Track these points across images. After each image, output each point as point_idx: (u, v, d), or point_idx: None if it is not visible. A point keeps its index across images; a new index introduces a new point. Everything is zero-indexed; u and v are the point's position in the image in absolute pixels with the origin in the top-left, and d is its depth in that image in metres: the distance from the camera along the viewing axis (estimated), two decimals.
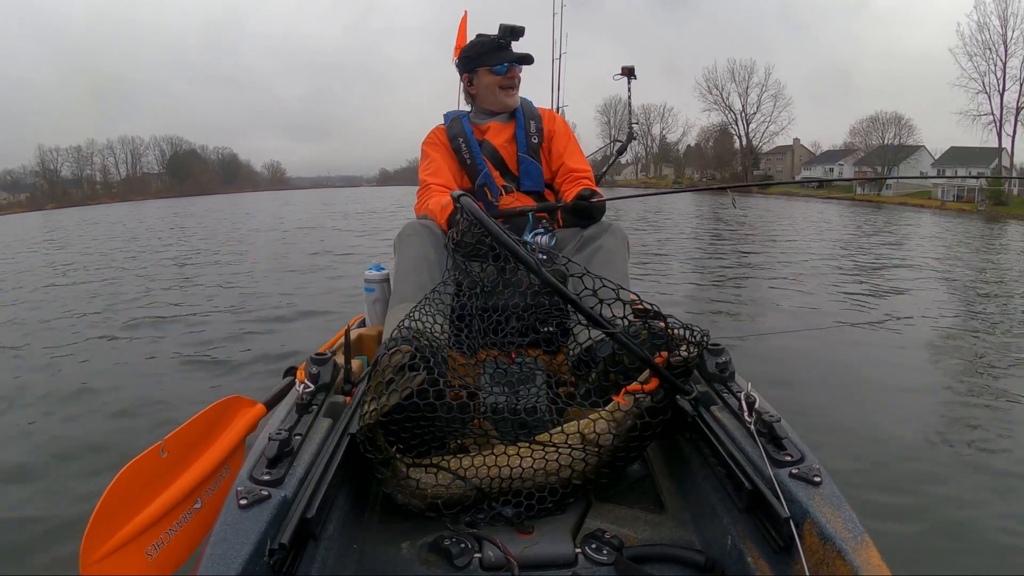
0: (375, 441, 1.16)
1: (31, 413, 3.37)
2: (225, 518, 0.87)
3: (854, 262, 9.35)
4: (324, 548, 1.04)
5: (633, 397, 1.19)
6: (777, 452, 1.03)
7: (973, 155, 40.25)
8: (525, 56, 2.05)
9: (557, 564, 1.08)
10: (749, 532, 1.03)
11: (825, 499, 0.92)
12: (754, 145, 60.17)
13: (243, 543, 0.83)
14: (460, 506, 1.17)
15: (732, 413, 1.20)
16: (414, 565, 1.08)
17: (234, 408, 1.26)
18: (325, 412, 1.25)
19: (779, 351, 4.23)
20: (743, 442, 1.10)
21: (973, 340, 4.84)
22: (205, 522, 1.07)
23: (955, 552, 2.04)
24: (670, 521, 1.22)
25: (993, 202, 35.48)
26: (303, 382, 1.27)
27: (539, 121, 2.10)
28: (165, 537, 0.99)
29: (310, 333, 4.71)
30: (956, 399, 3.46)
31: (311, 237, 13.94)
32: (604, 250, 1.74)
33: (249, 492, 0.92)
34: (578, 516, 1.20)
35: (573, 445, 1.20)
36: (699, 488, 1.23)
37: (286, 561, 0.88)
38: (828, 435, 2.76)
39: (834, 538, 0.85)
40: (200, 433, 1.15)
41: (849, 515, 0.88)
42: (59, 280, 8.64)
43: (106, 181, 71.74)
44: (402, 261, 1.74)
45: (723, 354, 1.37)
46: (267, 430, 1.12)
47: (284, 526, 0.90)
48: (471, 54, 2.06)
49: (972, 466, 2.62)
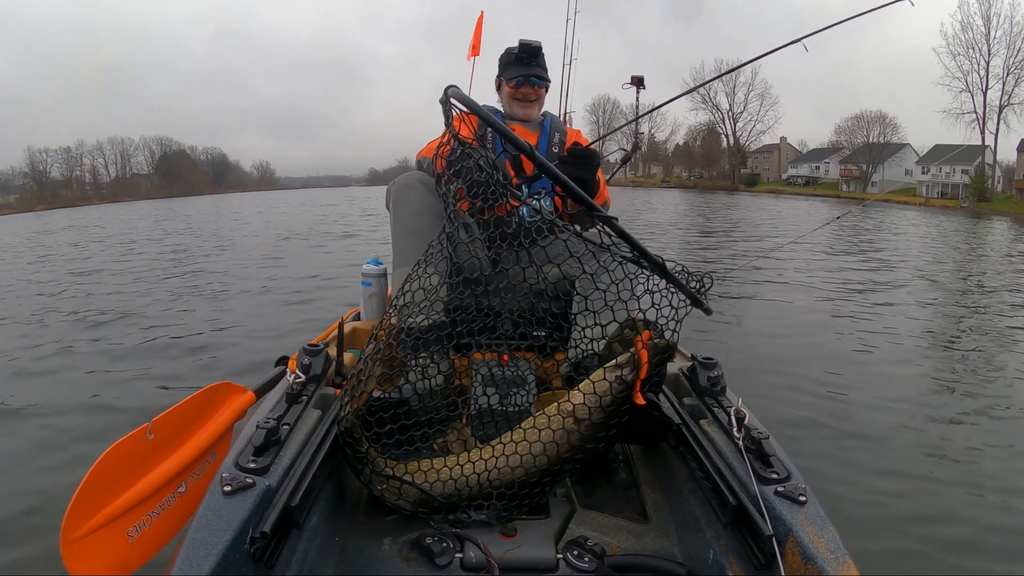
0: (354, 437, 1.15)
1: (24, 398, 3.40)
2: (208, 504, 0.87)
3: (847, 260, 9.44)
4: (306, 539, 1.03)
5: (615, 373, 1.16)
6: (764, 469, 1.03)
7: (957, 153, 40.82)
8: (538, 74, 2.09)
9: (538, 568, 1.07)
10: (732, 547, 1.03)
11: (809, 519, 0.92)
12: (741, 144, 60.63)
13: (225, 529, 0.82)
14: (444, 505, 1.16)
15: (721, 427, 1.20)
16: (395, 562, 1.07)
17: (223, 394, 1.25)
18: (315, 403, 1.24)
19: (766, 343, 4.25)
20: (730, 457, 1.10)
21: (959, 342, 4.89)
22: (188, 506, 1.06)
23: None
24: (653, 531, 1.22)
25: (976, 199, 36.01)
26: (294, 372, 1.26)
27: (564, 135, 2.16)
28: (147, 519, 0.98)
29: (304, 324, 4.73)
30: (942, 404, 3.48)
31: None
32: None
33: (234, 479, 0.91)
34: (562, 522, 1.20)
35: (552, 422, 1.17)
36: (684, 500, 1.23)
37: (267, 549, 0.88)
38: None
39: (816, 558, 0.84)
40: (188, 417, 1.14)
41: (832, 536, 0.88)
42: (63, 279, 8.54)
43: (96, 182, 70.82)
44: (399, 219, 1.69)
45: (715, 368, 1.37)
46: (255, 418, 1.12)
47: (267, 514, 0.89)
48: (500, 62, 2.17)
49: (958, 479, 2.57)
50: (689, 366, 1.42)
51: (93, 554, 0.87)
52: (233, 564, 0.81)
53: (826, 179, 53.58)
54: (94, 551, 0.87)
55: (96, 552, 0.87)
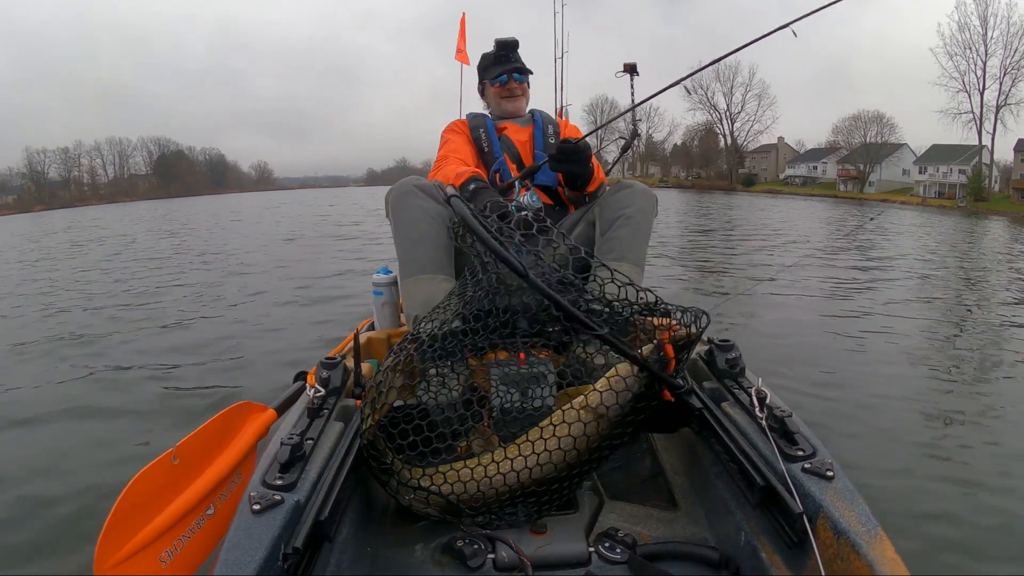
0: (378, 450, 1.15)
1: (34, 417, 3.32)
2: (238, 523, 0.87)
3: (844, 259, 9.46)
4: (338, 551, 1.03)
5: (635, 367, 1.16)
6: (789, 447, 1.03)
7: (955, 152, 40.96)
8: (519, 68, 2.14)
9: (571, 563, 1.08)
10: (762, 528, 1.03)
11: (838, 493, 0.92)
12: (739, 144, 60.76)
13: (257, 548, 0.82)
14: (473, 508, 1.16)
15: (743, 409, 1.19)
16: (428, 567, 1.08)
17: (244, 414, 1.25)
18: (336, 416, 1.24)
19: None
20: (755, 438, 1.10)
21: (960, 333, 4.91)
22: (218, 528, 1.05)
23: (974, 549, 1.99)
24: (683, 518, 1.22)
25: (973, 198, 36.14)
26: (313, 386, 1.26)
27: (557, 127, 2.20)
28: (179, 543, 0.98)
29: (319, 338, 4.67)
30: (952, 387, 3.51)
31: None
32: (631, 220, 1.75)
33: (262, 497, 0.91)
34: (591, 515, 1.20)
35: (575, 417, 1.16)
36: (711, 485, 1.23)
37: (300, 565, 0.88)
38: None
39: (848, 532, 0.84)
40: (211, 439, 1.13)
41: (863, 509, 0.88)
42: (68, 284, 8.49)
43: (94, 183, 70.73)
44: (402, 227, 1.69)
45: (733, 350, 1.37)
46: (278, 435, 1.11)
47: (297, 530, 0.89)
48: (478, 68, 2.22)
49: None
50: (707, 350, 1.42)
51: None
52: None
53: (823, 179, 53.73)
54: None
55: None
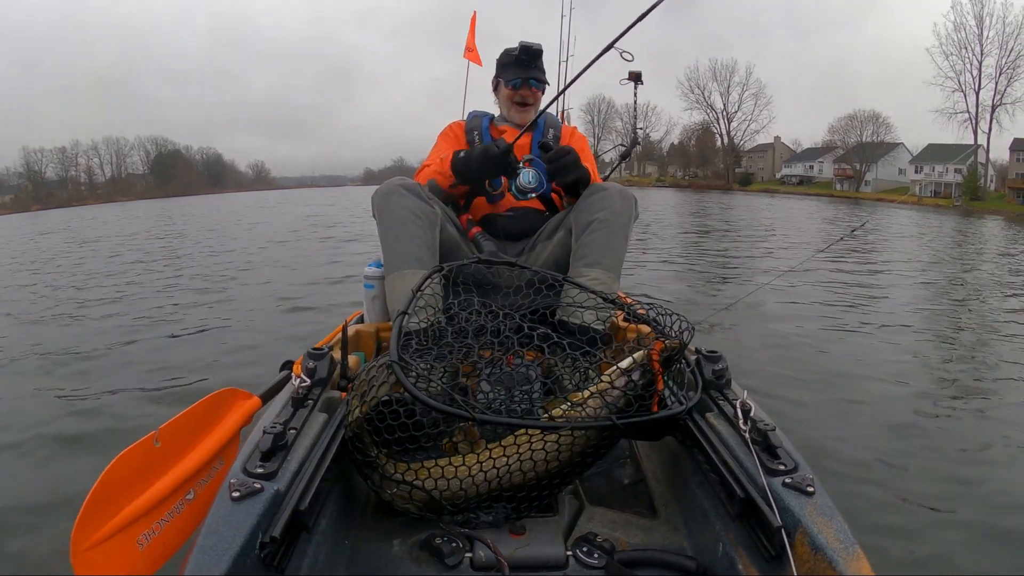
0: (363, 442, 1.15)
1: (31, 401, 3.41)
2: (217, 510, 0.86)
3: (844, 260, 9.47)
4: (316, 543, 1.03)
5: (624, 379, 1.17)
6: (771, 461, 1.03)
7: (950, 152, 41.11)
8: (537, 77, 2.09)
9: (548, 566, 1.07)
10: (741, 540, 1.03)
11: (818, 509, 0.92)
12: (736, 143, 60.88)
13: (235, 535, 0.82)
14: (454, 505, 1.16)
15: (727, 420, 1.19)
16: (405, 563, 1.07)
17: (229, 400, 1.24)
18: (321, 407, 1.23)
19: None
20: (737, 449, 1.10)
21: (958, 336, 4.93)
22: (197, 513, 1.05)
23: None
24: (662, 526, 1.22)
25: (969, 197, 36.27)
26: (299, 376, 1.25)
27: (558, 130, 2.16)
28: (157, 527, 0.97)
29: (308, 327, 4.71)
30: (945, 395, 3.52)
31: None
32: (604, 223, 1.72)
33: (242, 485, 0.91)
34: (570, 518, 1.20)
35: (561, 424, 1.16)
36: (692, 494, 1.23)
37: (277, 554, 0.88)
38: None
39: (825, 548, 0.84)
40: (194, 424, 1.13)
41: (841, 526, 0.88)
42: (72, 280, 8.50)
43: (91, 182, 70.59)
44: (386, 224, 1.70)
45: (720, 361, 1.36)
46: (262, 423, 1.11)
47: (276, 519, 0.89)
48: (498, 63, 2.17)
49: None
50: (693, 359, 1.42)
51: (104, 563, 0.86)
52: (244, 569, 0.81)
53: (820, 178, 53.92)
54: (105, 560, 0.87)
55: (107, 561, 0.87)
